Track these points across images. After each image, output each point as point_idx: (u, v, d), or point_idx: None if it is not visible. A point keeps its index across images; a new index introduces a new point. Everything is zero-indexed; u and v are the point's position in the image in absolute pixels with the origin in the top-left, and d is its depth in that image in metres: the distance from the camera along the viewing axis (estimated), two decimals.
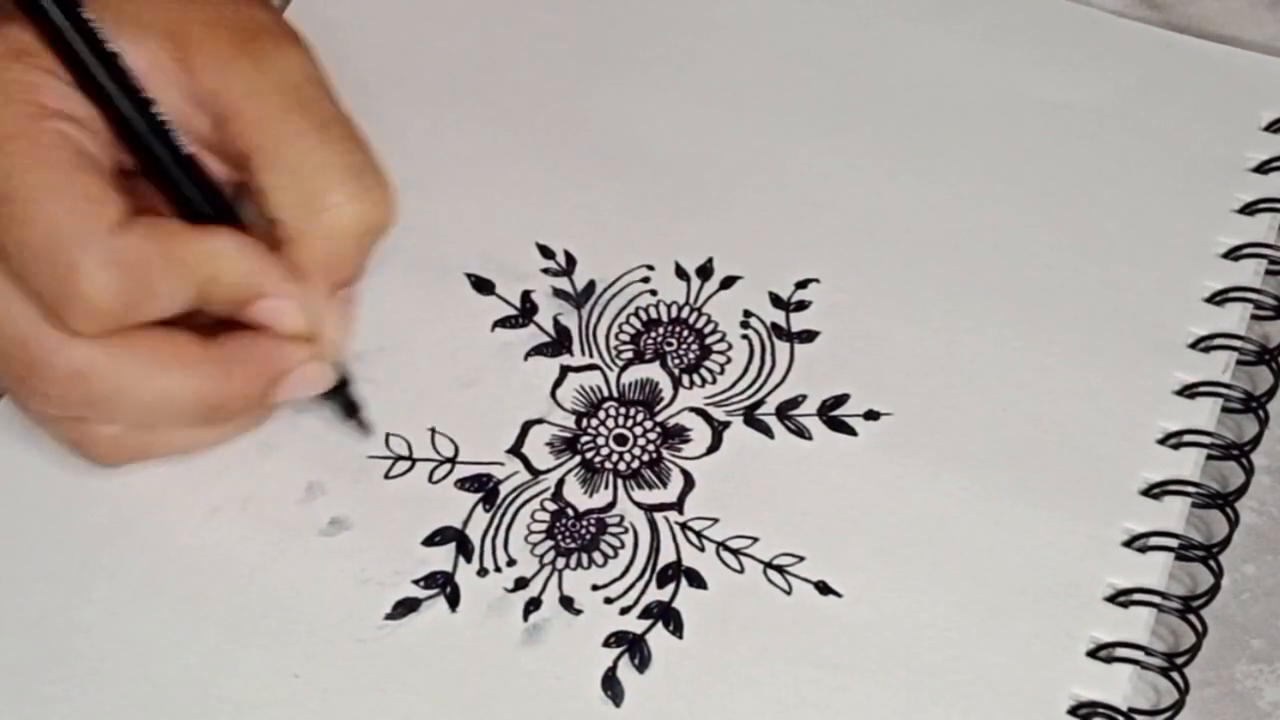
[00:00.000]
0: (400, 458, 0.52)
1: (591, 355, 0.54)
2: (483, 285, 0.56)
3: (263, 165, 0.48)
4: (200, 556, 0.50)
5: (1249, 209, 0.56)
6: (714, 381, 0.54)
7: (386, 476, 0.52)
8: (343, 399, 0.52)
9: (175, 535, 0.51)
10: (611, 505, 0.52)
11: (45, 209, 0.45)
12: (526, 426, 0.53)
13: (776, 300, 0.55)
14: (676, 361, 0.54)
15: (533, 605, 0.50)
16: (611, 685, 0.49)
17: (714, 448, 0.53)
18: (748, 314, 0.55)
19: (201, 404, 0.48)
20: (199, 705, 0.48)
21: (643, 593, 0.50)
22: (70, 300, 0.46)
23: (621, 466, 0.52)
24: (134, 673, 0.49)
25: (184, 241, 0.47)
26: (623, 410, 0.53)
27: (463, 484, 0.52)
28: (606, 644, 0.49)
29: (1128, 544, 0.51)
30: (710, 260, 0.56)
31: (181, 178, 0.48)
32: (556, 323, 0.55)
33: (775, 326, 0.55)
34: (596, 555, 0.51)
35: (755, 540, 0.51)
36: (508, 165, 0.58)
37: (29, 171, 0.46)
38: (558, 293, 0.55)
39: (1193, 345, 0.54)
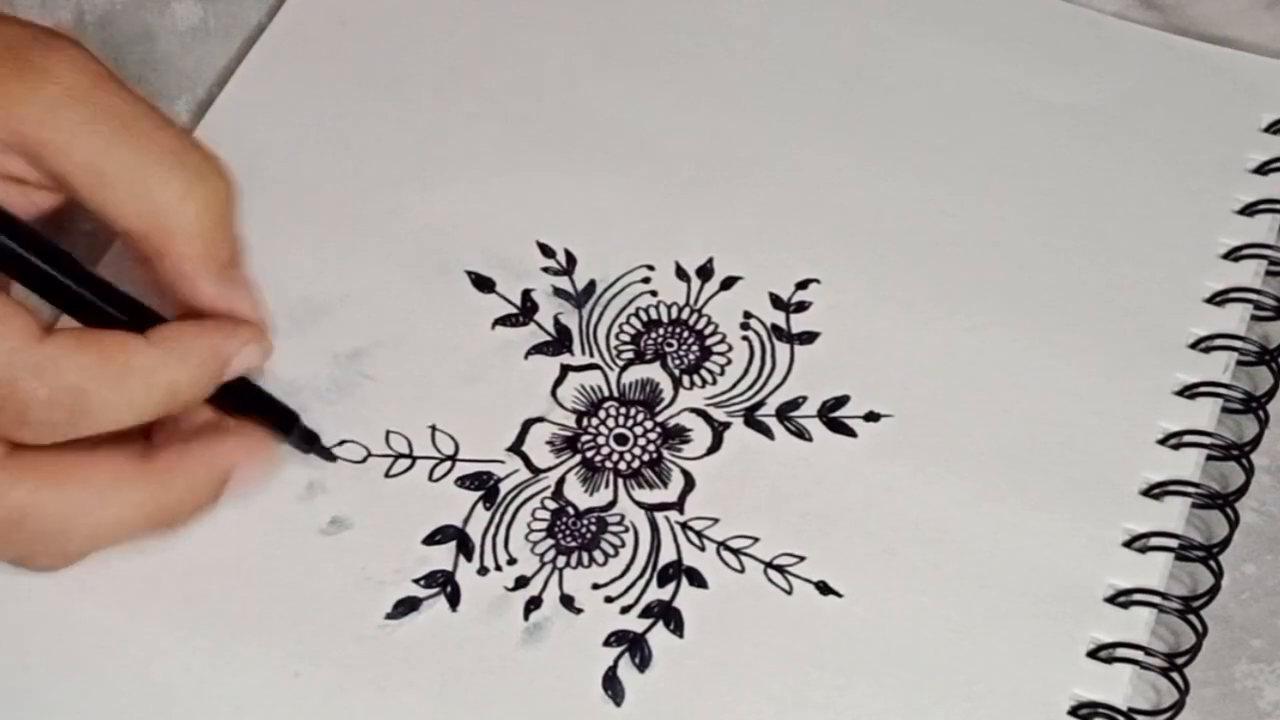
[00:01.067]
0: (400, 455, 0.52)
1: (592, 355, 0.54)
2: (483, 283, 0.56)
3: (89, 185, 0.46)
4: (200, 555, 0.50)
5: (1249, 210, 0.56)
6: (714, 382, 0.54)
7: (387, 475, 0.52)
8: (299, 438, 0.51)
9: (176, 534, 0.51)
10: (612, 504, 0.52)
11: None
12: (527, 425, 0.53)
13: (777, 301, 0.55)
14: (677, 362, 0.54)
15: (533, 604, 0.50)
16: (612, 684, 0.49)
17: (714, 448, 0.52)
18: (748, 315, 0.55)
19: (149, 520, 0.47)
20: (200, 704, 0.48)
21: (643, 592, 0.50)
22: (7, 413, 0.44)
23: (622, 466, 0.52)
24: (135, 672, 0.49)
25: (127, 352, 0.45)
26: (623, 410, 0.53)
27: (463, 482, 0.52)
28: (607, 643, 0.49)
29: (1128, 544, 0.51)
30: (710, 260, 0.56)
31: (61, 281, 0.46)
32: (557, 322, 0.55)
33: (775, 328, 0.55)
34: (597, 554, 0.51)
35: (756, 540, 0.51)
36: (508, 163, 0.58)
37: None
38: (558, 292, 0.55)
39: (1193, 346, 0.54)
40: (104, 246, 0.54)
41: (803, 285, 0.55)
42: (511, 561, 0.50)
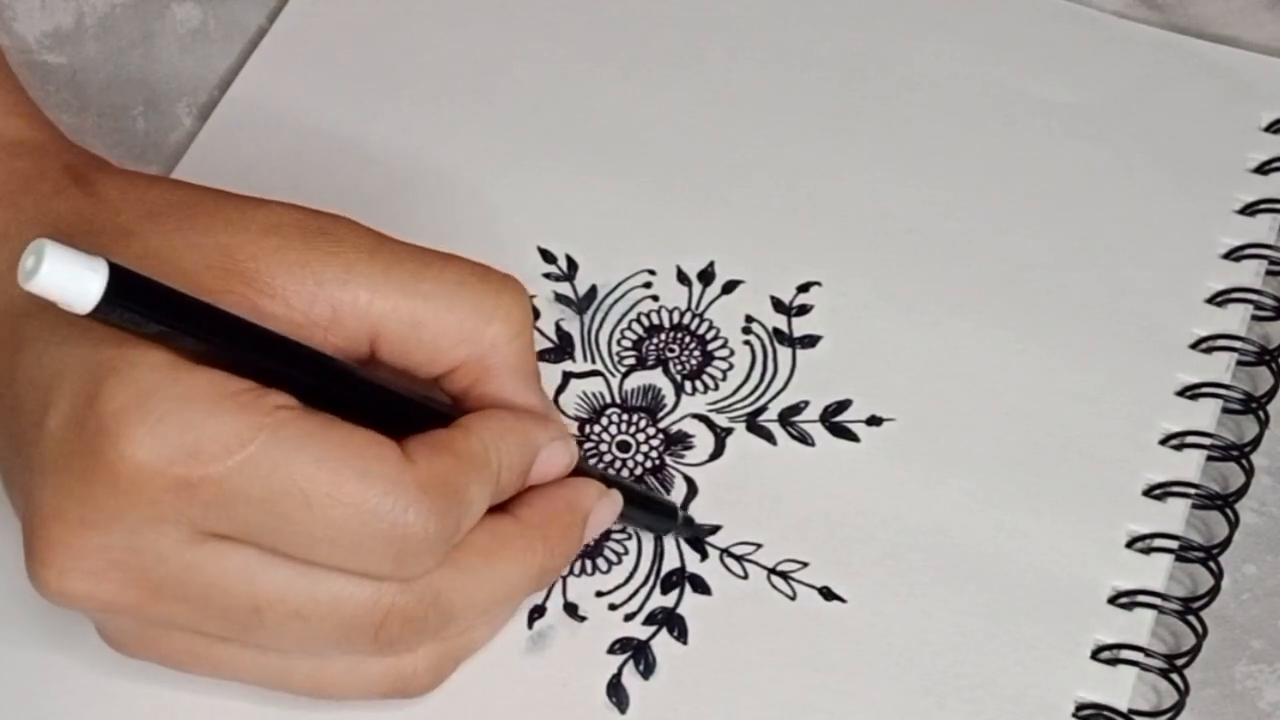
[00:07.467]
0: None
1: (594, 361, 0.54)
2: None
3: (400, 330, 0.46)
4: None
5: (1249, 210, 0.56)
6: (716, 388, 0.54)
7: None
8: (683, 527, 0.51)
9: None
10: None
11: (335, 480, 0.43)
12: None
13: (778, 305, 0.55)
14: (679, 368, 0.54)
15: (537, 612, 0.50)
16: (616, 692, 0.49)
17: (717, 454, 0.53)
18: (749, 319, 0.55)
19: (537, 576, 0.47)
20: (204, 714, 0.48)
21: (647, 599, 0.50)
22: (406, 544, 0.43)
23: (625, 473, 0.52)
24: (138, 684, 0.49)
25: (462, 446, 0.45)
26: (625, 417, 0.53)
27: None
28: (611, 650, 0.49)
29: (1130, 545, 0.51)
30: (711, 264, 0.56)
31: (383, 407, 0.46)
32: (559, 328, 0.55)
33: (777, 332, 0.55)
34: (600, 562, 0.51)
35: (759, 546, 0.51)
36: (508, 168, 0.58)
37: (295, 457, 0.42)
38: (560, 298, 0.55)
39: (1194, 346, 0.54)
40: None
41: (804, 288, 0.55)
42: None
